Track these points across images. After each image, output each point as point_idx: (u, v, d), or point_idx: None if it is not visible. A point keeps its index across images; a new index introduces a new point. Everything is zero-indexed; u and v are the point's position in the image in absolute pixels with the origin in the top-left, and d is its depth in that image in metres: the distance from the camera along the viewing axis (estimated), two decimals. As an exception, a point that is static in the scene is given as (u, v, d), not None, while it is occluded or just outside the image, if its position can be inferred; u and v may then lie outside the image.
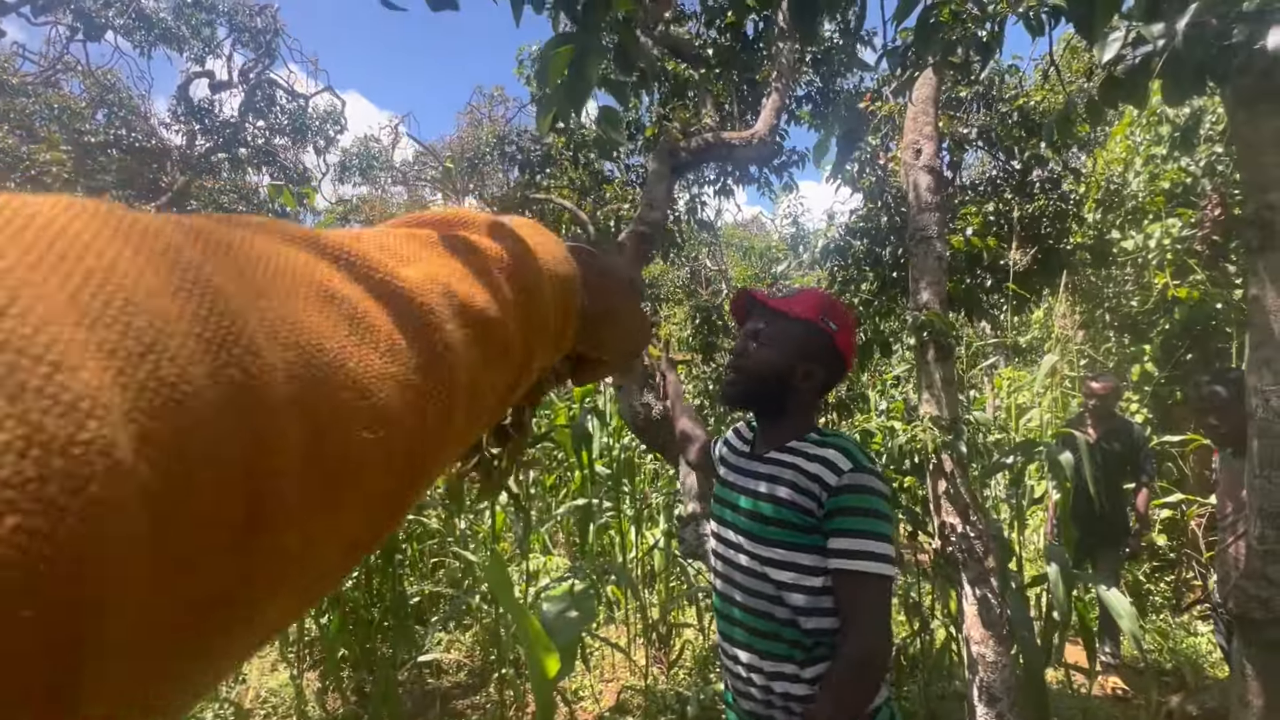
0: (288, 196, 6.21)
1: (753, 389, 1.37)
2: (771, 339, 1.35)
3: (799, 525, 1.29)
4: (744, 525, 1.37)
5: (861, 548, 1.23)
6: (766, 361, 1.35)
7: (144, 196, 9.51)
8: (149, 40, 9.76)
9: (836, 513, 1.26)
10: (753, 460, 1.41)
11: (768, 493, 1.33)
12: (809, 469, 1.30)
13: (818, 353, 1.38)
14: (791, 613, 1.28)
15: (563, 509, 4.45)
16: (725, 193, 4.78)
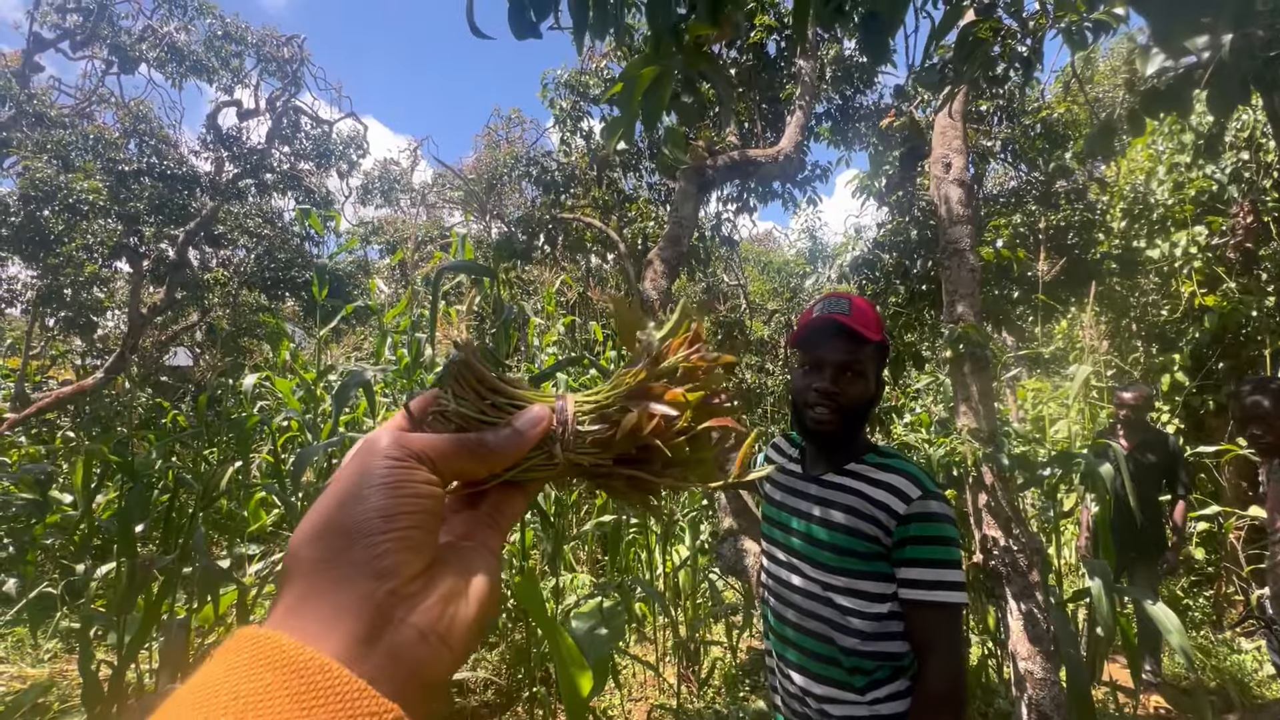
0: (314, 220, 6.36)
1: (848, 422, 1.31)
2: (861, 369, 1.30)
3: (862, 553, 1.26)
4: (800, 549, 1.34)
5: (936, 578, 1.20)
6: (861, 394, 1.30)
7: (174, 221, 9.78)
8: (180, 72, 10.13)
9: (907, 542, 1.22)
10: (807, 482, 1.37)
11: (828, 518, 1.30)
12: (875, 496, 1.25)
13: (883, 370, 1.37)
14: (853, 638, 1.25)
15: (589, 525, 4.44)
16: (747, 209, 4.83)
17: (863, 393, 1.30)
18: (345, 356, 10.08)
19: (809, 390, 1.30)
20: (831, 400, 1.28)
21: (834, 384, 1.28)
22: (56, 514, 3.78)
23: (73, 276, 8.91)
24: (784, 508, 1.40)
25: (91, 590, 4.00)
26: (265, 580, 3.66)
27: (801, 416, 1.33)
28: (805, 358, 1.33)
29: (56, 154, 9.05)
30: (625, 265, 2.72)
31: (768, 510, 1.47)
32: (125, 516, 3.11)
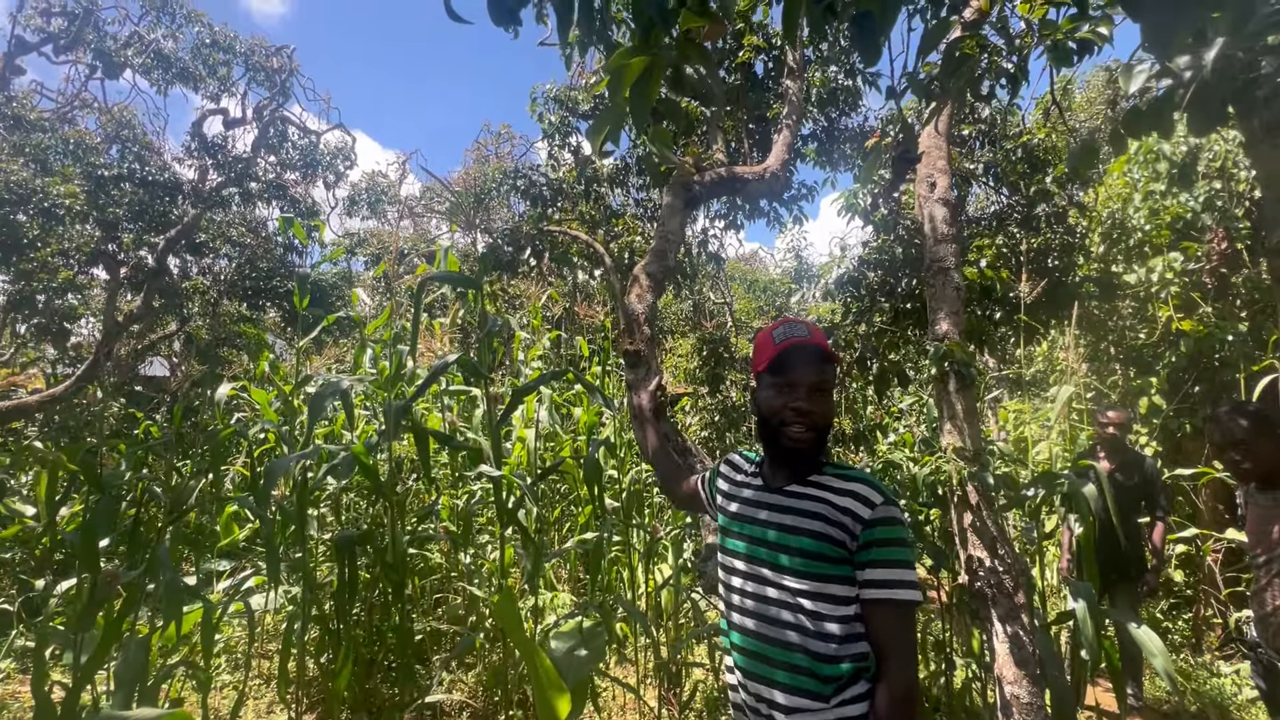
0: (298, 229, 6.29)
1: (821, 438, 1.39)
2: (830, 387, 1.41)
3: (831, 557, 1.31)
4: (766, 557, 1.38)
5: (898, 577, 1.27)
6: (831, 411, 1.41)
7: (154, 228, 9.63)
8: (166, 79, 10.05)
9: (872, 545, 1.29)
10: (770, 493, 1.44)
11: (798, 525, 1.35)
12: (839, 503, 1.33)
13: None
14: (826, 642, 1.29)
15: (570, 543, 4.36)
16: (734, 226, 4.86)
17: (831, 410, 1.42)
18: (327, 368, 9.92)
19: (785, 410, 1.38)
20: (807, 418, 1.37)
21: (809, 403, 1.37)
22: (16, 526, 3.63)
23: (46, 282, 8.71)
24: (744, 519, 1.46)
25: (51, 607, 3.83)
26: (233, 598, 3.53)
27: (775, 434, 1.41)
28: (778, 379, 1.41)
29: (35, 158, 8.90)
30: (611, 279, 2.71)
31: (726, 523, 1.51)
32: (89, 530, 2.98)
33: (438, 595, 4.78)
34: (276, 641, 4.33)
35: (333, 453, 3.12)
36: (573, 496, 5.43)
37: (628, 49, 1.01)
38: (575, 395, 5.48)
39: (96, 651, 2.85)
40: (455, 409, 5.35)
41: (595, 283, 7.03)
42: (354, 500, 4.79)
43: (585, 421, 4.90)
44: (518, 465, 4.64)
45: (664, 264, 2.95)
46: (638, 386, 2.60)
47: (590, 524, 4.63)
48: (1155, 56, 1.09)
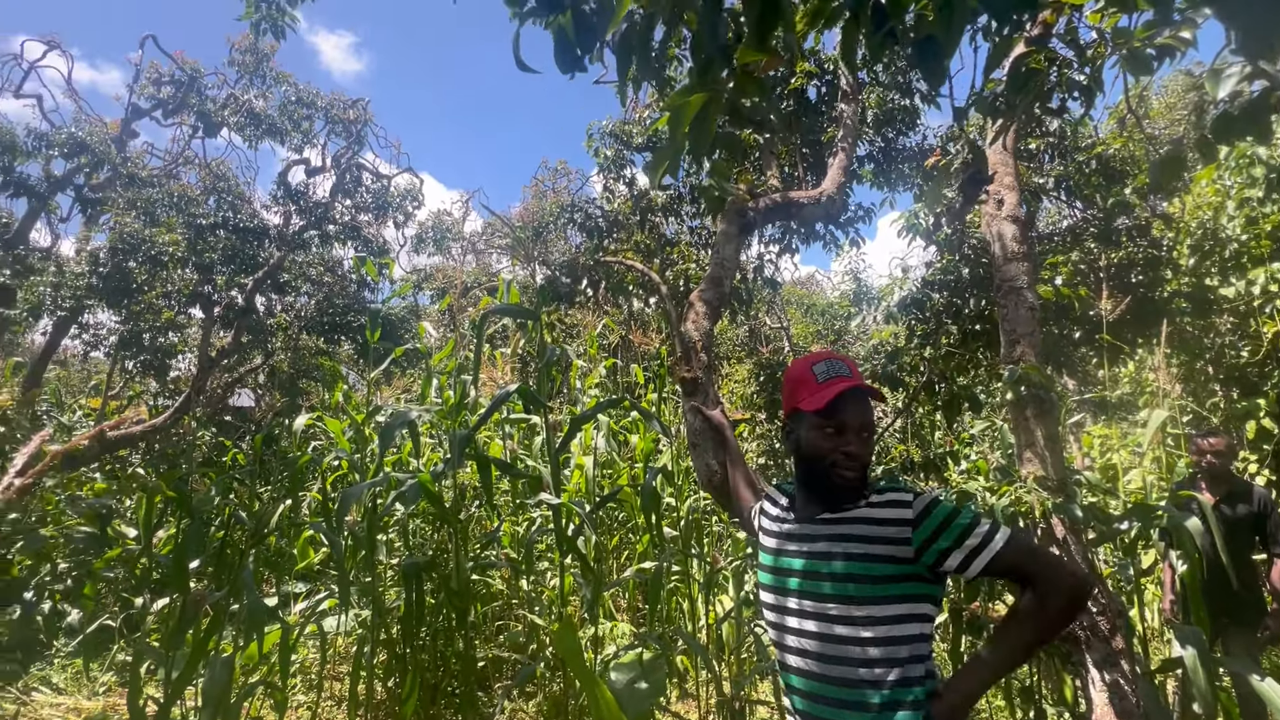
0: (370, 268, 6.69)
1: (863, 478, 1.40)
2: (872, 431, 1.42)
3: (877, 576, 1.28)
4: (810, 589, 1.35)
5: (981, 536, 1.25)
6: (872, 450, 1.43)
7: (244, 270, 10.46)
8: (256, 134, 11.07)
9: (930, 540, 1.26)
10: (805, 524, 1.42)
11: (845, 550, 1.33)
12: (877, 515, 1.32)
13: None
14: (877, 668, 1.25)
15: (629, 572, 4.32)
16: (789, 250, 4.82)
17: (873, 448, 1.42)
18: (395, 398, 10.36)
19: (835, 453, 1.38)
20: (857, 460, 1.37)
21: (859, 445, 1.38)
22: (118, 548, 3.92)
23: (151, 322, 9.54)
24: (780, 554, 1.44)
25: (147, 624, 4.10)
26: (308, 620, 3.68)
27: (824, 475, 1.40)
28: (828, 422, 1.40)
29: (144, 210, 9.86)
30: (667, 307, 2.73)
31: (765, 560, 1.49)
32: (180, 552, 3.20)
33: (499, 622, 4.81)
34: (347, 663, 4.46)
35: (400, 480, 3.24)
36: (630, 524, 5.40)
37: (686, 87, 1.04)
38: (631, 422, 5.50)
39: (185, 669, 3.02)
40: (516, 436, 5.47)
41: (650, 310, 7.10)
42: (419, 526, 4.93)
43: (642, 449, 4.90)
44: (576, 492, 4.67)
45: (719, 290, 2.95)
46: (695, 413, 2.59)
47: (648, 553, 4.59)
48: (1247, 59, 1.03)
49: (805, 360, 1.51)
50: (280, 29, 5.66)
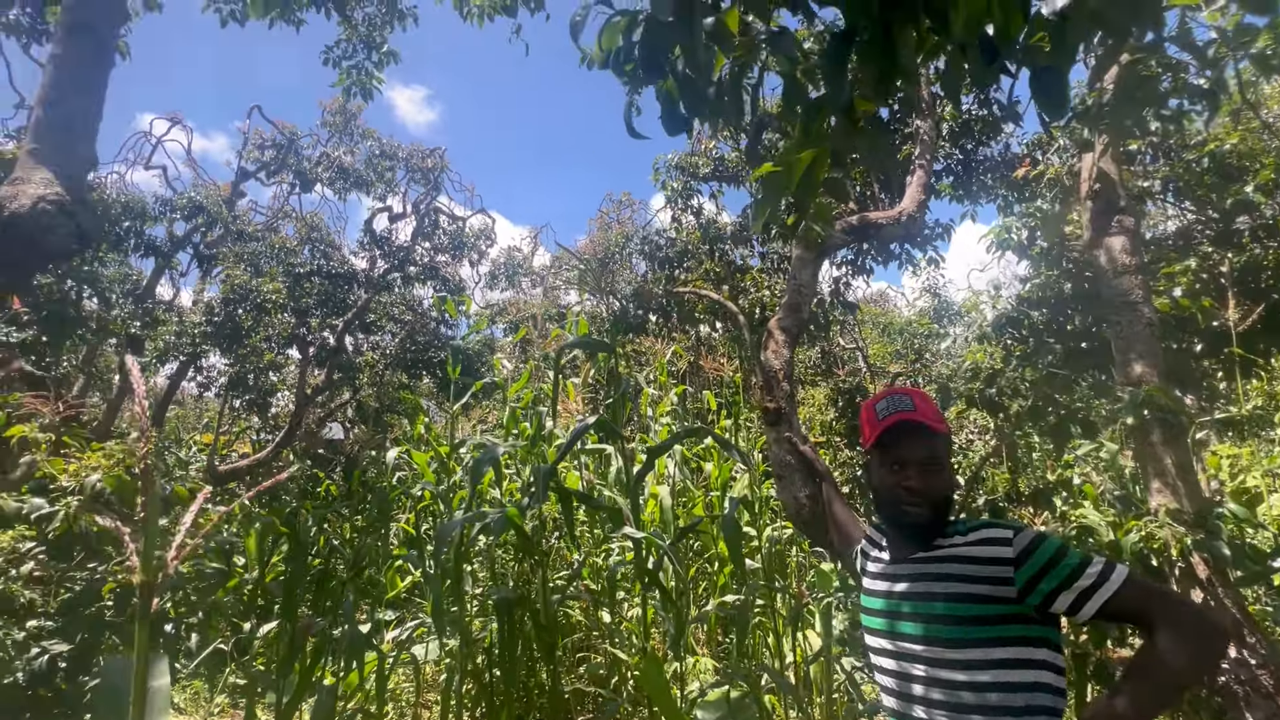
0: (450, 306, 7.04)
1: (939, 511, 1.36)
2: (944, 462, 1.38)
3: (980, 618, 1.22)
4: (913, 632, 1.30)
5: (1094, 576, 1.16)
6: (945, 484, 1.37)
7: (335, 313, 11.27)
8: (346, 187, 12.07)
9: (1035, 580, 1.19)
10: (900, 564, 1.40)
11: (945, 590, 1.28)
12: (972, 554, 1.27)
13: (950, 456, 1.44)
14: (982, 714, 1.18)
15: (710, 605, 4.22)
16: (864, 272, 4.68)
17: (946, 482, 1.37)
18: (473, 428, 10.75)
19: (898, 488, 1.36)
20: (921, 496, 1.34)
21: (921, 480, 1.34)
22: (236, 578, 4.21)
23: (255, 364, 10.38)
24: (878, 595, 1.41)
25: (255, 649, 4.37)
26: (402, 647, 3.81)
27: (891, 511, 1.39)
28: (887, 457, 1.39)
29: (250, 263, 10.84)
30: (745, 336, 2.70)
31: (866, 602, 1.46)
32: (290, 583, 3.41)
33: (579, 654, 4.80)
34: (435, 691, 4.56)
35: (484, 513, 3.32)
36: (708, 554, 5.30)
37: (795, 143, 1.05)
38: (704, 449, 5.44)
39: (294, 695, 3.19)
40: (591, 466, 5.51)
41: (717, 335, 7.05)
42: (501, 556, 5.03)
43: (717, 477, 4.82)
44: (652, 522, 4.64)
45: (798, 317, 2.90)
46: (781, 444, 2.53)
47: (729, 585, 4.48)
48: None
49: (873, 398, 1.51)
50: (368, 91, 6.15)
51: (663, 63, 1.05)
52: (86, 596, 2.35)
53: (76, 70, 2.29)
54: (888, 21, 0.82)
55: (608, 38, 1.11)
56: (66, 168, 2.12)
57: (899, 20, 0.81)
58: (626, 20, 1.09)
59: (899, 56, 0.84)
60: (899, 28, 0.82)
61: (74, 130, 2.23)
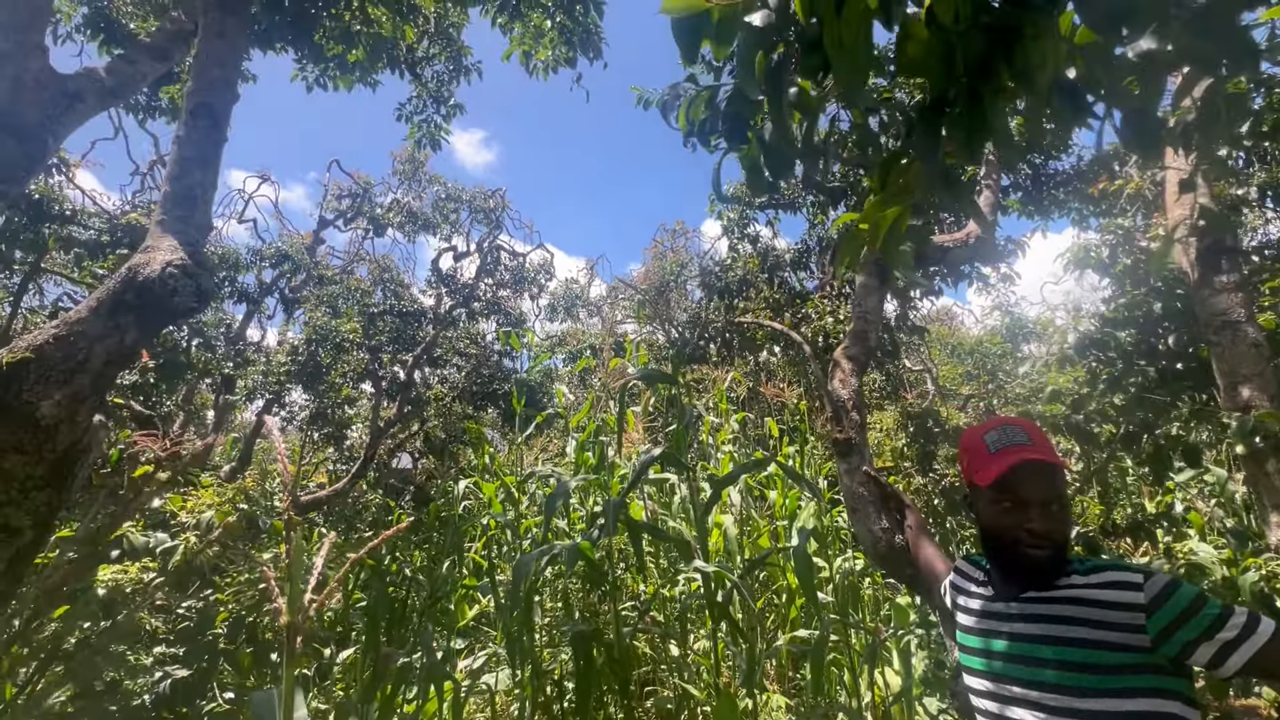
0: (513, 340, 7.29)
1: (1059, 554, 1.28)
2: (1064, 502, 1.30)
3: (1108, 666, 1.13)
4: (1025, 676, 1.22)
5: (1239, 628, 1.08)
6: (1068, 524, 1.29)
7: (405, 349, 11.87)
8: (414, 229, 12.82)
9: (1171, 629, 1.11)
10: (1008, 603, 1.31)
11: (1057, 635, 1.20)
12: (1099, 598, 1.18)
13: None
14: None
15: (782, 640, 4.12)
16: (933, 293, 4.56)
17: (1068, 521, 1.29)
18: (536, 457, 10.98)
19: (1018, 529, 1.28)
20: (1046, 538, 1.26)
21: (1044, 522, 1.26)
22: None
23: (333, 399, 11.01)
24: (984, 634, 1.33)
25: (334, 674, 4.55)
26: (477, 676, 3.89)
27: (1010, 553, 1.31)
28: (1004, 497, 1.31)
29: (329, 305, 11.60)
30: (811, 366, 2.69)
31: (966, 641, 1.38)
32: (373, 613, 3.57)
33: (648, 687, 4.76)
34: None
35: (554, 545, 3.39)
36: (776, 586, 5.18)
37: (878, 201, 1.08)
38: (767, 478, 5.35)
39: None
40: (655, 496, 5.52)
41: (776, 360, 6.97)
42: (571, 587, 5.08)
43: (782, 506, 4.73)
44: (717, 552, 4.59)
45: (865, 345, 2.86)
46: (854, 475, 2.48)
47: (799, 619, 4.35)
48: None
49: (978, 429, 1.43)
50: (436, 141, 6.56)
51: (745, 131, 1.11)
52: (202, 625, 2.55)
53: (197, 147, 2.58)
54: (976, 89, 0.84)
55: (694, 110, 1.18)
56: (188, 235, 2.38)
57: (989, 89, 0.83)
58: (709, 94, 1.15)
59: (989, 120, 0.85)
60: (989, 96, 0.84)
61: (194, 200, 2.50)
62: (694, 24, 0.94)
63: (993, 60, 0.80)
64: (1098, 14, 0.74)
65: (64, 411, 2.01)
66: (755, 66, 0.92)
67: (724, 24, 0.92)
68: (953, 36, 0.80)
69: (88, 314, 2.10)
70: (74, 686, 2.30)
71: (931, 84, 0.88)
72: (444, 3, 5.28)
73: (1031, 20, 0.77)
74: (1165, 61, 0.79)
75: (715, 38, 0.92)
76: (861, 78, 0.84)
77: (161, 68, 3.89)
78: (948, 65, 0.83)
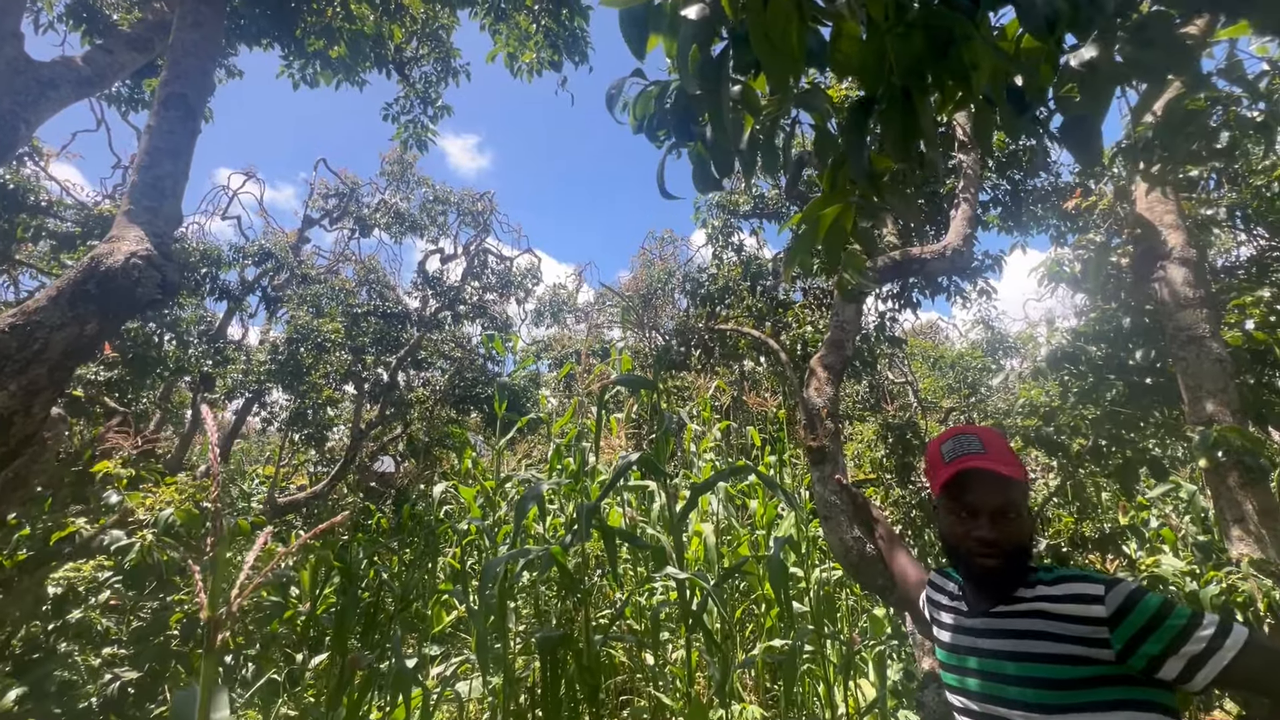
0: (498, 344, 7.25)
1: (1012, 564, 1.27)
2: (1017, 512, 1.28)
3: (1076, 680, 1.11)
4: (997, 693, 1.21)
5: (1206, 640, 1.05)
6: (1021, 534, 1.28)
7: (389, 350, 11.74)
8: (401, 231, 12.73)
9: (1137, 640, 1.08)
10: (978, 618, 1.31)
11: (1018, 649, 1.19)
12: (1062, 611, 1.16)
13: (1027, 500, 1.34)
14: None
15: (757, 650, 4.09)
16: (911, 306, 4.60)
17: (1021, 531, 1.28)
18: (518, 463, 10.89)
19: (968, 538, 1.29)
20: (994, 547, 1.26)
21: (994, 530, 1.26)
22: (291, 609, 4.34)
23: (314, 400, 10.86)
24: (958, 650, 1.32)
25: (306, 680, 4.46)
26: (446, 683, 3.82)
27: (964, 561, 1.32)
28: (955, 505, 1.31)
29: (313, 304, 11.47)
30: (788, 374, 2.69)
31: (943, 656, 1.38)
32: (342, 616, 3.50)
33: (622, 696, 4.71)
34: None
35: (528, 550, 3.35)
36: (754, 596, 5.16)
37: (821, 199, 1.08)
38: (749, 486, 5.35)
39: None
40: (634, 503, 5.49)
41: (761, 370, 6.99)
42: (544, 593, 5.02)
43: (762, 515, 4.72)
44: (696, 561, 4.56)
45: (841, 354, 2.87)
46: (826, 484, 2.48)
47: (776, 629, 4.34)
48: None
49: (938, 439, 1.44)
50: (424, 143, 6.53)
51: (693, 128, 1.10)
52: (155, 626, 2.48)
53: (168, 137, 2.54)
54: (907, 89, 0.84)
55: (641, 106, 1.17)
56: (155, 225, 2.33)
57: (918, 88, 0.83)
58: (658, 89, 1.15)
59: (919, 121, 0.85)
60: (918, 95, 0.84)
61: (163, 191, 2.46)
62: (638, 16, 0.93)
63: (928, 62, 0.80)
64: (1036, 20, 0.74)
65: (18, 403, 1.95)
66: (691, 61, 0.92)
67: (674, 17, 0.91)
68: (886, 36, 0.80)
69: (47, 303, 2.05)
70: (23, 686, 2.23)
71: (864, 83, 0.88)
72: (432, 4, 5.28)
73: (959, 21, 0.77)
74: (1108, 71, 0.79)
75: (667, 31, 0.92)
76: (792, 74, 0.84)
77: (142, 59, 3.84)
78: (879, 65, 0.83)
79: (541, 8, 4.92)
